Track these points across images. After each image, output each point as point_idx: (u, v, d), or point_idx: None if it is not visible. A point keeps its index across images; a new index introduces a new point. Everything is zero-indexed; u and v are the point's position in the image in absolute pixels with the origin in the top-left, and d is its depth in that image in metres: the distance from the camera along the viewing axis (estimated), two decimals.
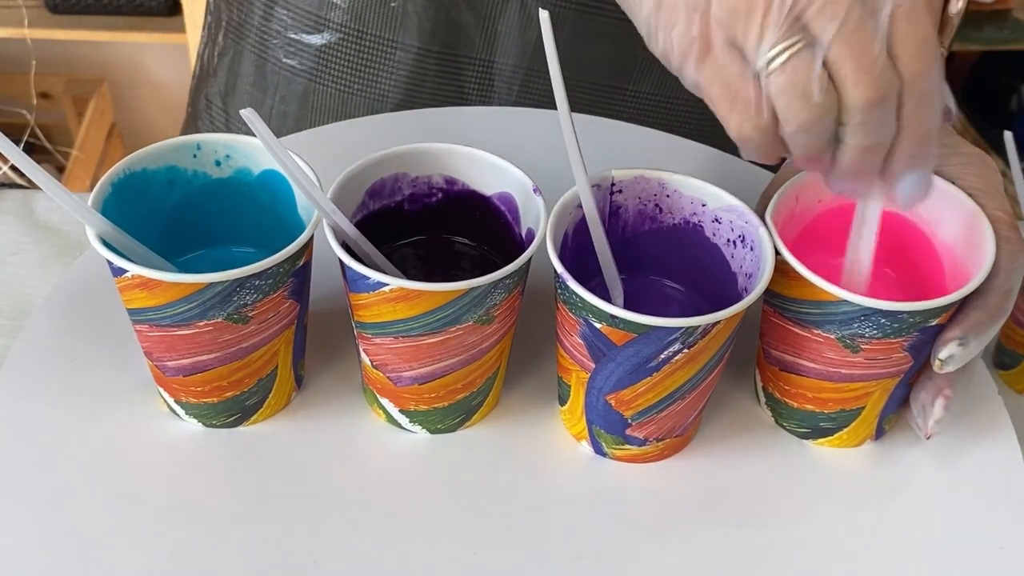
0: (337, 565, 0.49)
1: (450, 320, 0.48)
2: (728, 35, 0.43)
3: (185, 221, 0.54)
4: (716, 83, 0.44)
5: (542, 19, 0.44)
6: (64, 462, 0.51)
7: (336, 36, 0.76)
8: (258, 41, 0.79)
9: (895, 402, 0.53)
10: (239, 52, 0.80)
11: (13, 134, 0.63)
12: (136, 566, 0.48)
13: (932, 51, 0.42)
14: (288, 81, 0.78)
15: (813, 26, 0.41)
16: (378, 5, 0.74)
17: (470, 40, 0.75)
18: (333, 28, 0.76)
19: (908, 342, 0.49)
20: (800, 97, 0.42)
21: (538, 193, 0.51)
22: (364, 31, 0.75)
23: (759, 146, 0.45)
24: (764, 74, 0.42)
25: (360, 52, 0.76)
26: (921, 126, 0.43)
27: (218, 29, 0.82)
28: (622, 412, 0.51)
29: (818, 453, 0.55)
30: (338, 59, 0.77)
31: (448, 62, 0.76)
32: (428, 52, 0.75)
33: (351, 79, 0.77)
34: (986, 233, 0.50)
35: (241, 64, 0.81)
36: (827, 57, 0.42)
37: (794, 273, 0.49)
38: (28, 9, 1.60)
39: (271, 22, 0.78)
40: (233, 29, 0.81)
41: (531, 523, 0.51)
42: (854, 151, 0.44)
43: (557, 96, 0.46)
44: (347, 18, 0.75)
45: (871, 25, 0.41)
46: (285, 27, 0.77)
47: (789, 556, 0.50)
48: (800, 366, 0.52)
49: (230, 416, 0.53)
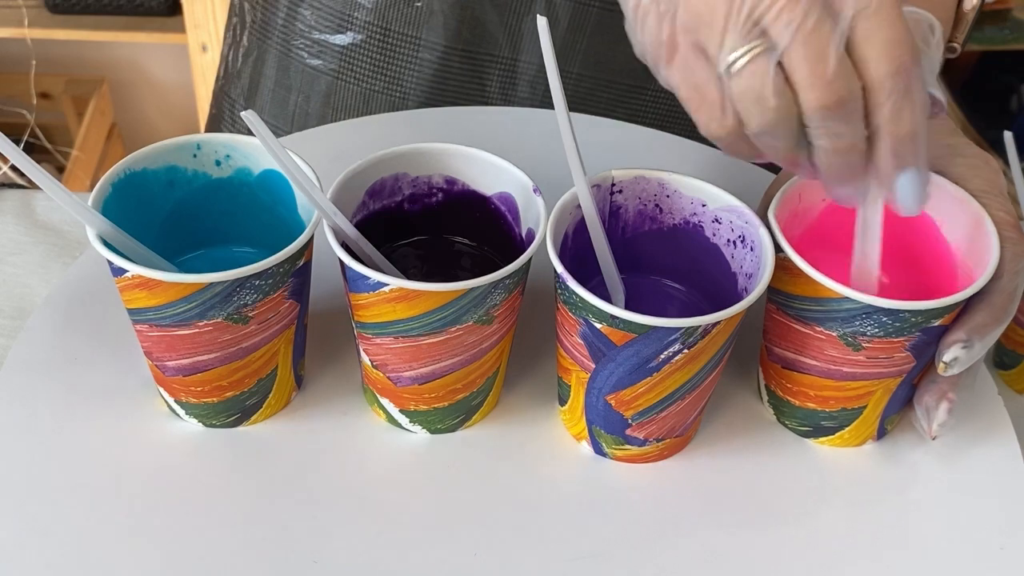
0: (337, 565, 0.49)
1: (450, 320, 0.48)
2: (693, 40, 0.44)
3: (185, 221, 0.54)
4: (684, 84, 0.45)
5: (540, 25, 0.45)
6: (64, 462, 0.51)
7: (361, 35, 0.76)
8: (282, 41, 0.79)
9: (898, 402, 0.53)
10: (263, 52, 0.81)
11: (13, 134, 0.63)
12: (136, 566, 0.48)
13: (904, 49, 0.42)
14: (312, 80, 0.79)
15: (771, 30, 0.42)
16: (403, 4, 0.74)
17: (494, 39, 0.75)
18: (358, 27, 0.76)
19: (910, 342, 0.49)
20: (756, 101, 0.43)
21: (538, 193, 0.51)
22: (389, 29, 0.75)
23: (728, 145, 0.46)
24: (725, 78, 0.43)
25: (384, 51, 0.76)
26: (900, 126, 0.43)
27: (243, 30, 0.83)
28: (622, 412, 0.51)
29: (819, 452, 0.55)
30: (362, 58, 0.77)
31: (472, 61, 0.76)
32: (452, 50, 0.75)
33: (375, 78, 0.77)
34: (990, 235, 0.50)
35: (265, 64, 0.81)
36: (784, 61, 0.42)
37: (797, 270, 0.49)
38: (28, 9, 1.60)
39: (295, 22, 0.78)
40: (257, 30, 0.81)
41: (531, 523, 0.51)
42: (824, 153, 0.44)
43: (555, 99, 0.46)
44: (372, 17, 0.75)
45: (828, 27, 0.41)
46: (309, 27, 0.77)
47: (789, 556, 0.50)
48: (802, 363, 0.52)
49: (230, 416, 0.53)
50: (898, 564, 0.50)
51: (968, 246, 0.51)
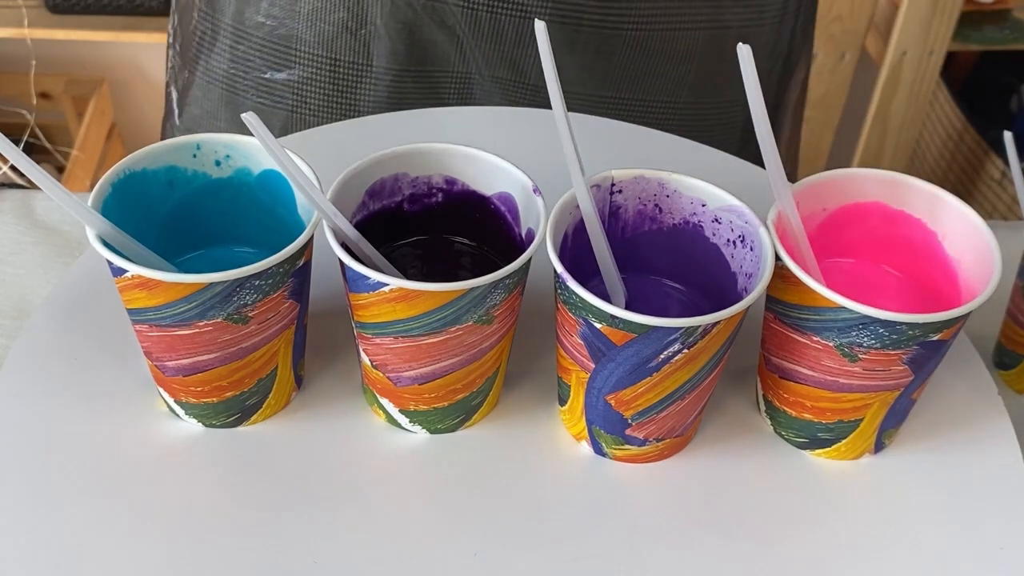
0: (337, 565, 0.49)
1: (450, 320, 0.48)
2: None
3: (185, 221, 0.54)
4: None
5: (538, 29, 0.45)
6: (64, 462, 0.51)
7: (308, 70, 0.75)
8: (228, 86, 0.78)
9: (896, 416, 0.53)
10: (209, 91, 0.80)
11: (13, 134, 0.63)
12: (136, 566, 0.48)
13: None
14: (265, 115, 0.78)
15: None
16: (346, 33, 0.74)
17: (445, 56, 0.75)
18: (304, 62, 0.75)
19: (908, 355, 0.49)
20: None
21: (538, 193, 0.51)
22: (337, 59, 0.75)
23: None
24: None
25: (335, 80, 0.76)
26: None
27: (184, 68, 0.82)
28: (622, 412, 0.51)
29: (816, 459, 0.55)
30: (314, 90, 0.76)
31: (425, 79, 0.76)
32: (405, 72, 0.75)
33: (330, 108, 0.77)
34: (992, 249, 0.49)
35: (214, 102, 0.80)
36: None
37: (794, 278, 0.48)
38: (28, 9, 1.60)
39: (238, 64, 0.77)
40: (200, 72, 0.80)
41: (531, 523, 0.51)
42: None
43: (553, 102, 0.46)
44: (318, 49, 0.75)
45: None
46: (254, 67, 0.77)
47: (789, 555, 0.50)
48: (798, 373, 0.52)
49: (230, 416, 0.53)
50: (898, 563, 0.50)
51: (970, 260, 0.51)
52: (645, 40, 0.74)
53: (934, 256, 0.53)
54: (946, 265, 0.53)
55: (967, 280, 0.51)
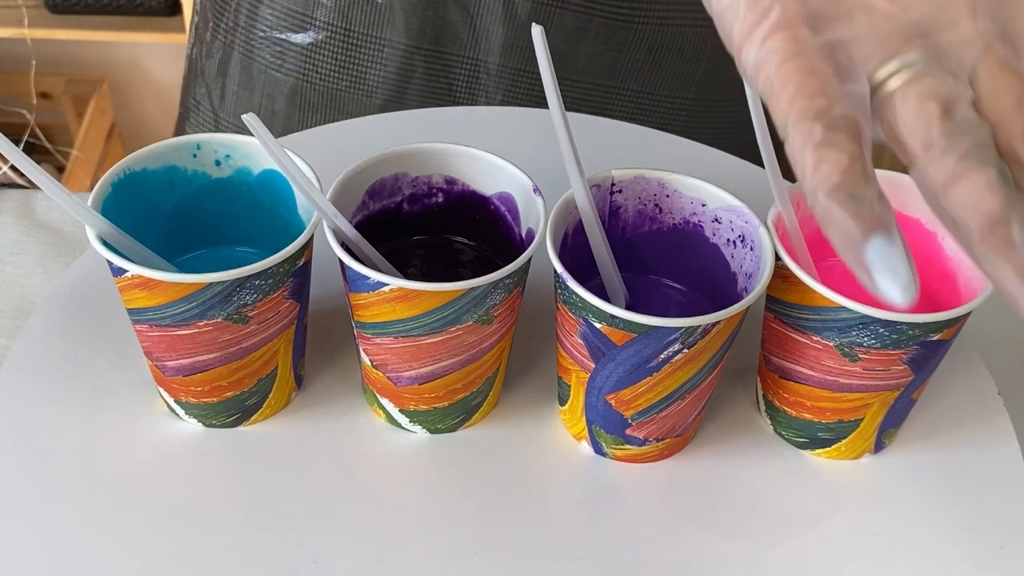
0: (337, 565, 0.49)
1: (450, 320, 0.48)
2: None
3: (185, 221, 0.54)
4: None
5: (535, 33, 0.44)
6: (64, 462, 0.51)
7: (323, 35, 0.76)
8: (244, 42, 0.79)
9: (896, 416, 0.53)
10: (227, 53, 0.81)
11: (13, 134, 0.63)
12: (136, 566, 0.48)
13: None
14: (276, 81, 0.79)
15: None
16: (364, 3, 0.74)
17: (458, 37, 0.75)
18: (319, 27, 0.76)
19: (908, 355, 0.49)
20: None
21: (538, 193, 0.51)
22: (351, 29, 0.75)
23: None
24: None
25: (347, 50, 0.76)
26: None
27: (205, 30, 0.83)
28: (622, 412, 0.51)
29: (817, 458, 0.55)
30: (325, 57, 0.77)
31: (436, 59, 0.76)
32: (416, 49, 0.75)
33: (339, 77, 0.77)
34: None
35: (229, 65, 0.81)
36: None
37: (794, 278, 0.48)
38: (28, 9, 1.60)
39: (256, 23, 0.78)
40: (220, 31, 0.81)
41: (531, 523, 0.51)
42: None
43: (552, 106, 0.46)
44: (333, 16, 0.75)
45: None
46: (271, 27, 0.77)
47: (789, 555, 0.50)
48: (798, 373, 0.52)
49: (230, 416, 0.53)
50: (898, 563, 0.50)
51: (970, 260, 0.51)
52: (655, 34, 0.75)
53: (934, 256, 0.53)
54: (946, 265, 0.53)
55: (967, 280, 0.51)
